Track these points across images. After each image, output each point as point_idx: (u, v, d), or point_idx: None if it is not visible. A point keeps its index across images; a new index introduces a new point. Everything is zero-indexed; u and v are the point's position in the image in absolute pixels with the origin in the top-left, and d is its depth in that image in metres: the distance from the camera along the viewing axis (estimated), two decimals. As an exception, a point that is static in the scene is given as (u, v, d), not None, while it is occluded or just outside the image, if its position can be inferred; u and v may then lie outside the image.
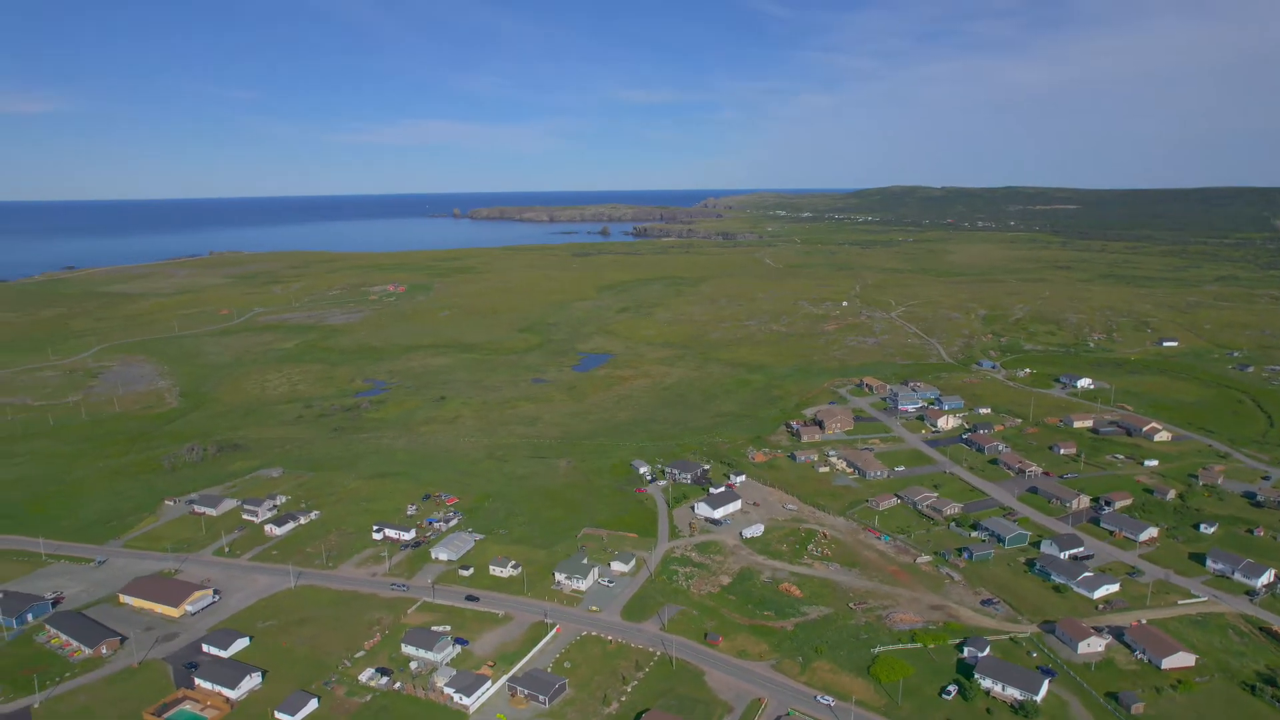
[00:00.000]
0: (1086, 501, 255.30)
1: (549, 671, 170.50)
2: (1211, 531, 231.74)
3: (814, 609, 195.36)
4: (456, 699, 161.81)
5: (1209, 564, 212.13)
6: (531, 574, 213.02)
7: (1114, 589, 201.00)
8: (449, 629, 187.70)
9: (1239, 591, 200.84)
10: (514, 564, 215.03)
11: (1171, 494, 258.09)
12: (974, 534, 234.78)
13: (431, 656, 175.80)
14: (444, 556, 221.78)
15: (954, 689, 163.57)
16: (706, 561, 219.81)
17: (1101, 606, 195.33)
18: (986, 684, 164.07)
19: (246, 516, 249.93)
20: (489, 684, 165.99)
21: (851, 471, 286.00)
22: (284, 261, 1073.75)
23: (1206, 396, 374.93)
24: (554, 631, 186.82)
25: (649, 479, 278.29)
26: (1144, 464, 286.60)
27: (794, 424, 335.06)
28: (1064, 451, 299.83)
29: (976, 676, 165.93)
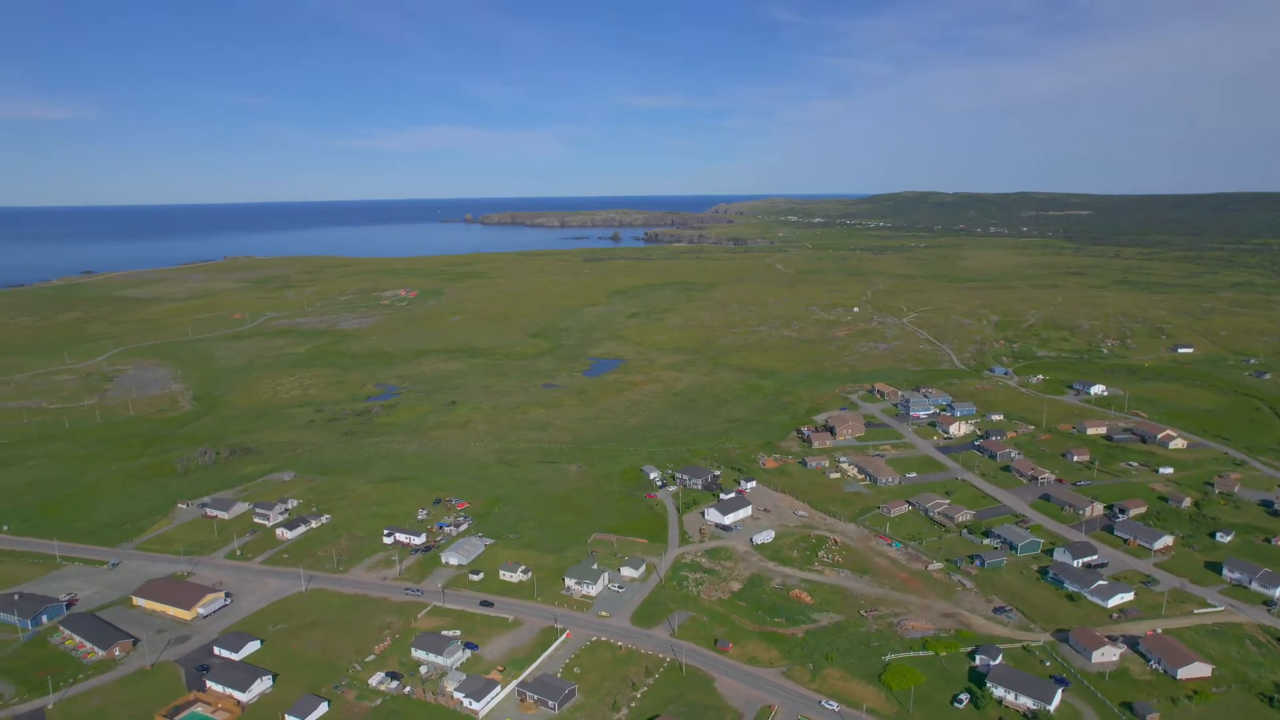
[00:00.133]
0: (1100, 509, 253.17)
1: (559, 677, 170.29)
2: (1228, 540, 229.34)
3: (825, 616, 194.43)
4: (466, 704, 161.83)
5: (1226, 573, 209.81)
6: (541, 579, 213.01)
7: (1128, 598, 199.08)
8: (459, 633, 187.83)
9: (1256, 601, 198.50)
10: (524, 569, 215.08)
11: (1187, 502, 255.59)
12: (986, 541, 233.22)
13: (441, 661, 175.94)
14: (454, 561, 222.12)
15: (966, 697, 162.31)
16: (717, 567, 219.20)
17: (1116, 615, 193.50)
18: (999, 693, 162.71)
19: (258, 520, 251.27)
20: (498, 689, 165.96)
21: (863, 478, 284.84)
22: (297, 266, 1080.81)
23: (1222, 404, 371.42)
24: (564, 637, 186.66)
25: (659, 484, 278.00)
26: (1159, 471, 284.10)
27: (805, 430, 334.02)
28: (1077, 458, 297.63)
29: (989, 685, 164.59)
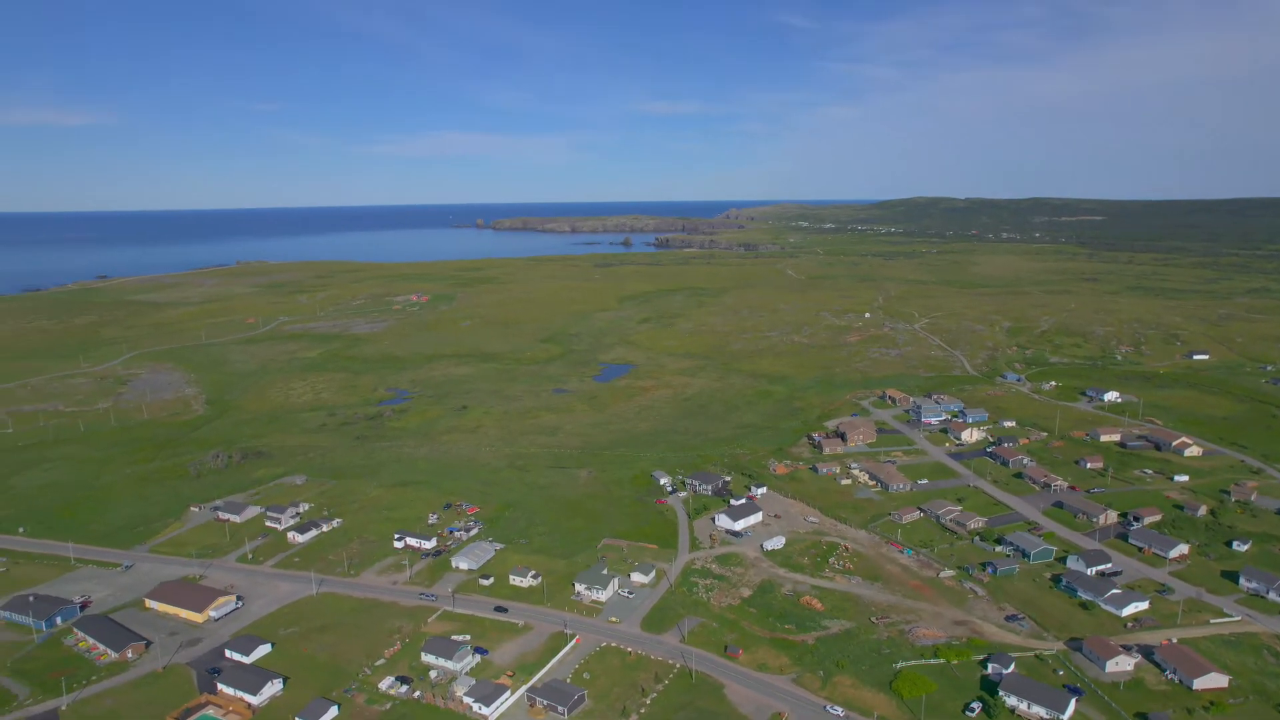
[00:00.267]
0: (1114, 517, 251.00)
1: (568, 682, 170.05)
2: (1245, 549, 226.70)
3: (835, 623, 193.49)
4: (476, 708, 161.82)
5: (1242, 582, 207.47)
6: (551, 584, 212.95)
7: (1143, 607, 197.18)
8: (469, 638, 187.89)
9: (1274, 611, 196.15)
10: (534, 574, 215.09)
11: (1203, 510, 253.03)
12: (998, 549, 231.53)
13: (451, 665, 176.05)
14: (464, 566, 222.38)
15: (978, 706, 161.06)
16: (727, 573, 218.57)
17: (1130, 624, 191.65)
18: (1011, 702, 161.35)
19: (270, 523, 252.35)
20: (508, 694, 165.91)
21: (874, 484, 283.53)
22: (309, 271, 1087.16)
23: (1239, 411, 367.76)
24: (573, 642, 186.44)
25: (669, 490, 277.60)
26: (1174, 479, 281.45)
27: (816, 436, 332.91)
28: (1090, 466, 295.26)
29: (1001, 694, 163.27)
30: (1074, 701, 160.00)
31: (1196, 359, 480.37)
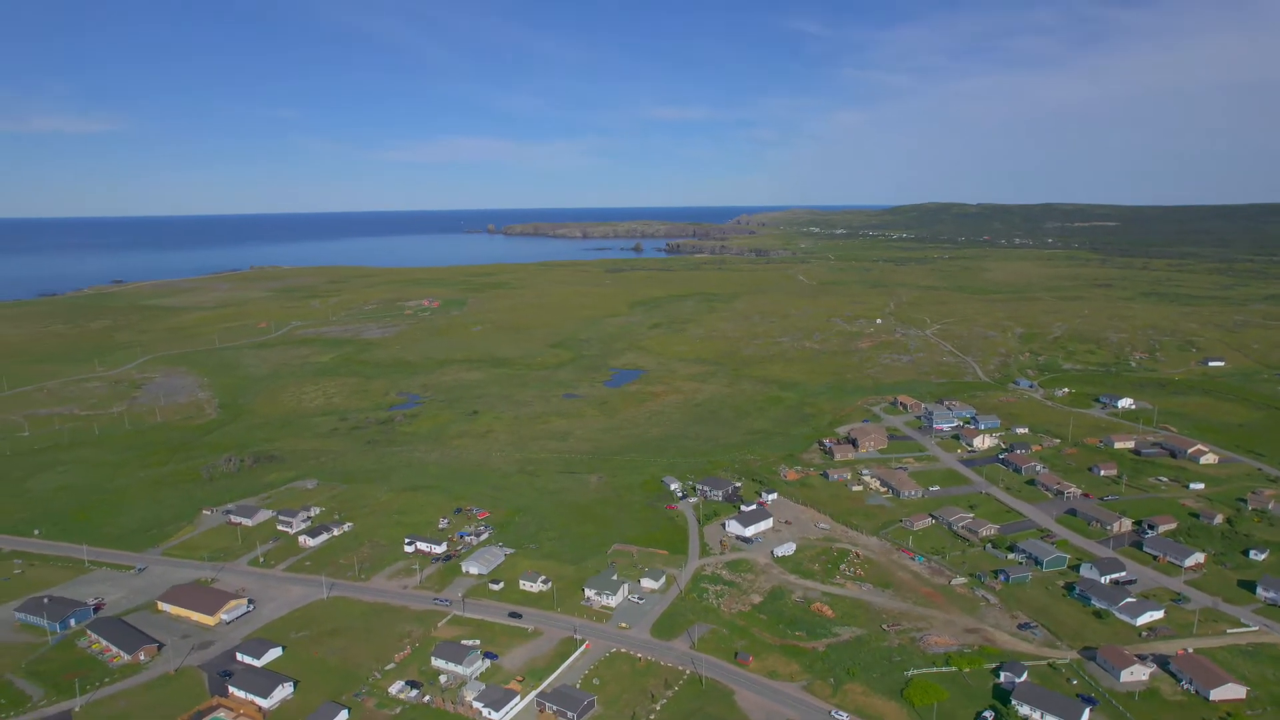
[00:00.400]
0: (1128, 524, 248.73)
1: (578, 688, 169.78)
2: (1262, 558, 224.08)
3: (846, 630, 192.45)
4: (485, 713, 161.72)
5: (1260, 592, 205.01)
6: (561, 589, 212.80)
7: (1158, 616, 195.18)
8: (479, 643, 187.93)
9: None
10: (544, 579, 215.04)
11: (1219, 518, 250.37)
12: (1010, 556, 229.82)
13: (461, 670, 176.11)
14: (475, 570, 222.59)
15: (990, 715, 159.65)
16: (737, 580, 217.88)
17: (1145, 634, 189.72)
18: (1024, 710, 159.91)
19: (281, 527, 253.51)
20: (518, 699, 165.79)
21: (885, 491, 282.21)
22: (322, 276, 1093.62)
23: (1255, 418, 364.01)
24: (583, 648, 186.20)
25: (680, 495, 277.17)
26: (1189, 487, 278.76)
27: (827, 442, 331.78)
28: (1104, 473, 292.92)
29: (1014, 703, 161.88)
30: (1088, 711, 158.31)
31: (1212, 365, 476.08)
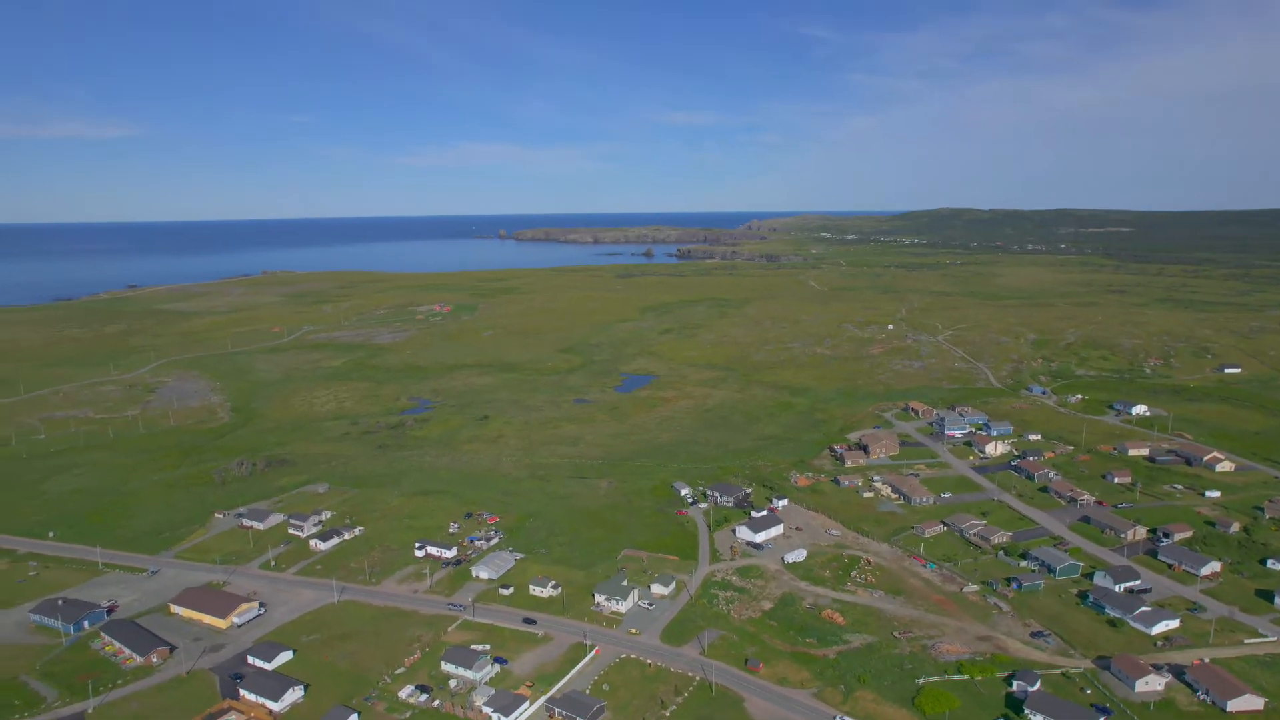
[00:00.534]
0: (1143, 532, 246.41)
1: (587, 694, 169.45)
2: None
3: (857, 637, 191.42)
4: (495, 718, 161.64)
5: (1278, 601, 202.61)
6: (571, 594, 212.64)
7: (1174, 625, 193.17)
8: (488, 648, 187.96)
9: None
10: (554, 584, 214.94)
11: (1235, 527, 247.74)
12: (1023, 563, 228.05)
13: (471, 675, 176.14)
14: (485, 575, 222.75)
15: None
16: (747, 586, 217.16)
17: (1161, 643, 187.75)
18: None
19: (292, 531, 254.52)
20: (527, 704, 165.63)
21: (896, 497, 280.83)
22: (334, 281, 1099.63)
23: (1272, 425, 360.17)
24: (593, 653, 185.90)
25: (690, 501, 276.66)
26: (1205, 495, 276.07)
27: (838, 448, 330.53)
28: (1118, 480, 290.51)
29: (1027, 712, 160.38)
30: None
31: (1228, 372, 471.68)
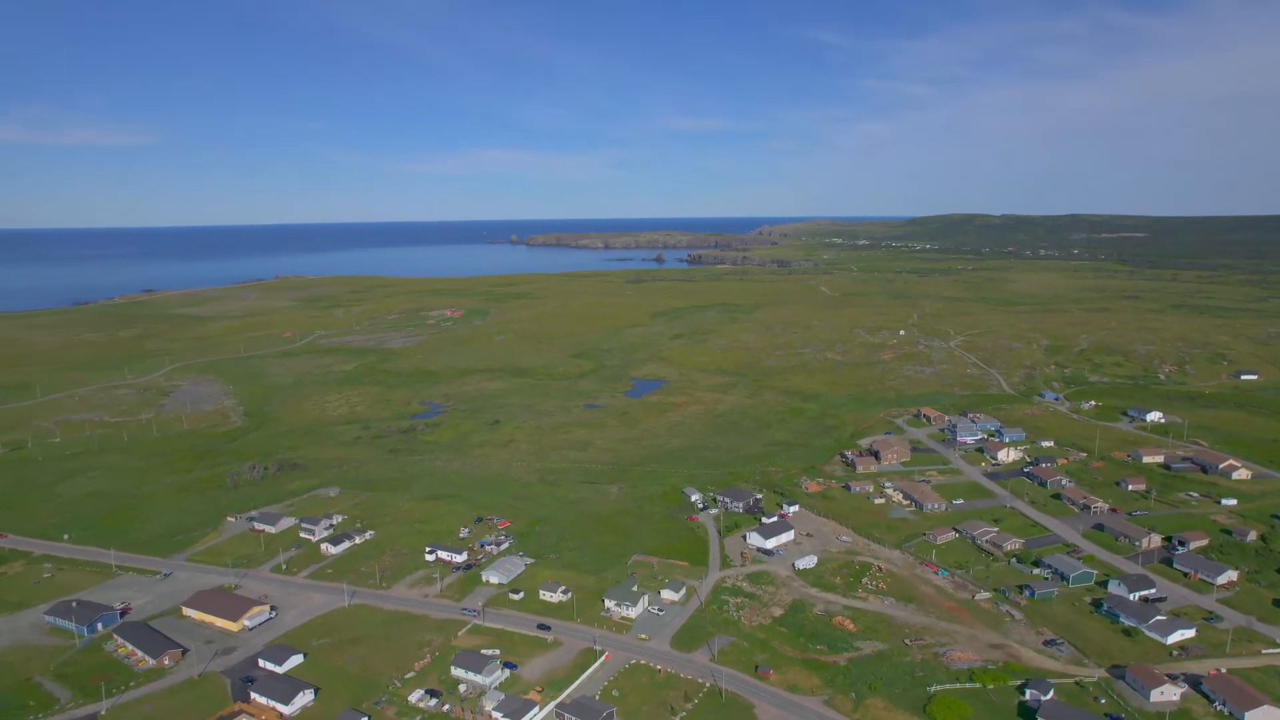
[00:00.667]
0: (1158, 541, 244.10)
1: (597, 699, 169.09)
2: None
3: (868, 644, 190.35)
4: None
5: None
6: (581, 600, 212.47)
7: (1190, 634, 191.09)
8: (498, 652, 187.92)
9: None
10: (564, 589, 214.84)
11: (1252, 535, 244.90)
12: (1036, 571, 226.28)
13: (480, 680, 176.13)
14: (495, 580, 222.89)
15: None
16: (758, 592, 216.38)
17: (1176, 653, 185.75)
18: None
19: (304, 535, 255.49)
20: (537, 709, 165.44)
21: (908, 504, 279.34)
22: (346, 286, 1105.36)
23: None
24: (603, 659, 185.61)
25: (700, 507, 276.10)
26: (1221, 503, 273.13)
27: (849, 454, 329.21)
28: (1132, 488, 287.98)
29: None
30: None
31: (1244, 379, 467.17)
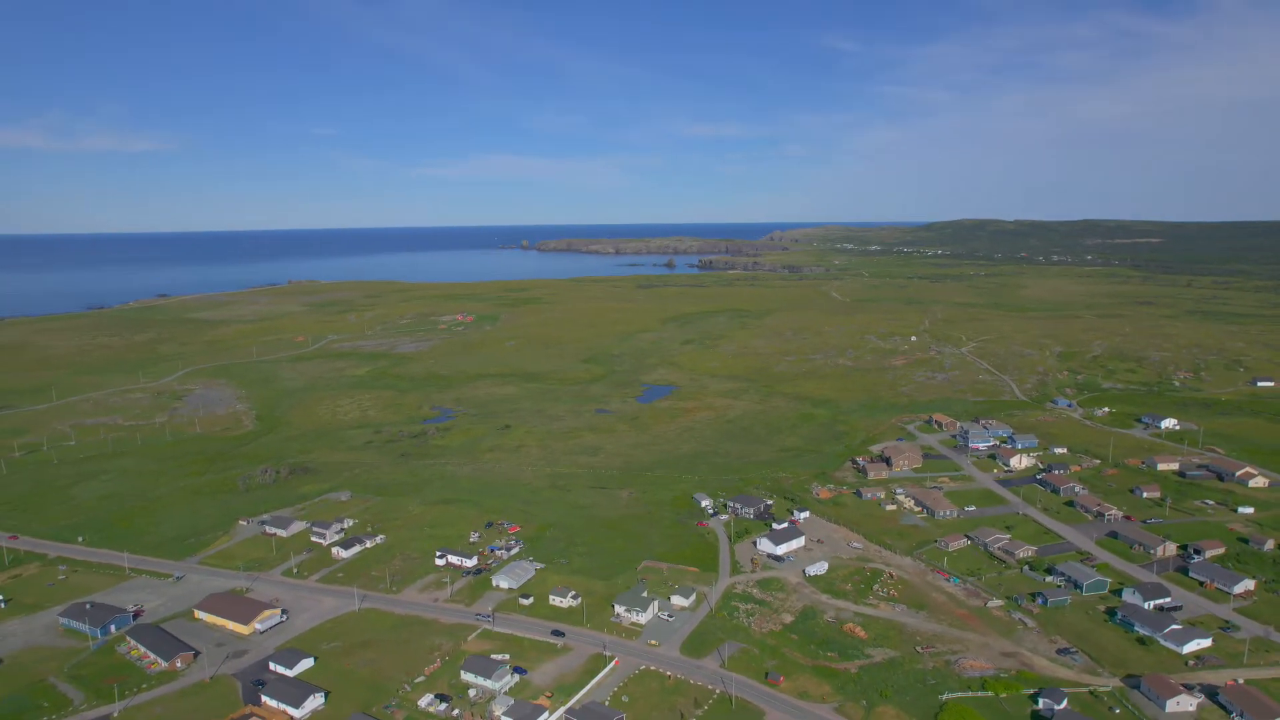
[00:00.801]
0: (1173, 549, 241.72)
1: (606, 705, 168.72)
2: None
3: (879, 651, 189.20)
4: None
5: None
6: (591, 605, 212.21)
7: (1206, 644, 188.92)
8: (508, 657, 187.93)
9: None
10: (574, 594, 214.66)
11: (1270, 544, 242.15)
12: (1049, 579, 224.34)
13: (490, 685, 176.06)
14: (505, 584, 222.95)
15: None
16: (768, 599, 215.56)
17: (1192, 663, 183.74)
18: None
19: (315, 539, 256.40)
20: (546, 715, 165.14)
21: (920, 510, 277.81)
22: (358, 290, 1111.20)
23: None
24: (612, 664, 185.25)
25: (711, 512, 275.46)
26: (1237, 511, 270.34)
27: (860, 460, 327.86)
28: (1147, 495, 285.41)
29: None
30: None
31: (1261, 386, 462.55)
